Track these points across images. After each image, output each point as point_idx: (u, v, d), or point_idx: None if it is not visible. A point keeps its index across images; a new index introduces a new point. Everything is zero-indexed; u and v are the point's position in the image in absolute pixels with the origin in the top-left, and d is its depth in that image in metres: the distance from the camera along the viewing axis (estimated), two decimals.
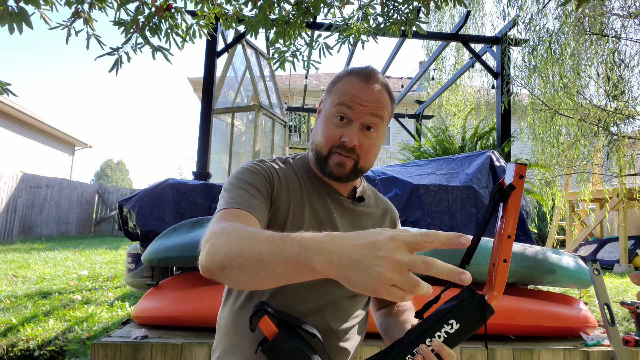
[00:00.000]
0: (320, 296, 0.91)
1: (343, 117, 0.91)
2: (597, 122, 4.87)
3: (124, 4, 2.06)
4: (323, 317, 0.90)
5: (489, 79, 6.12)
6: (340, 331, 0.91)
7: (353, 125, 0.90)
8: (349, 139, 0.89)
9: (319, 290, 0.91)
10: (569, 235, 8.10)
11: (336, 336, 0.90)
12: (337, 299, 0.92)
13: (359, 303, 0.98)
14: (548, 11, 4.64)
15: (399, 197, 2.70)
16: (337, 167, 0.92)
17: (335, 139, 0.91)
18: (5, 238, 9.69)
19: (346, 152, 0.91)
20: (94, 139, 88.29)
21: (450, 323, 0.77)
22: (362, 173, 0.97)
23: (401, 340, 0.79)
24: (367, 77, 0.92)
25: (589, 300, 3.74)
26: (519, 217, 2.70)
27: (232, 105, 6.45)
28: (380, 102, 0.91)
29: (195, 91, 14.41)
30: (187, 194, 2.75)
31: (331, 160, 0.92)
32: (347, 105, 0.90)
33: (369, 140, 0.92)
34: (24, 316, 3.39)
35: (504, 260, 0.81)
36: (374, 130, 0.92)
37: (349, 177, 0.94)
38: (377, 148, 0.96)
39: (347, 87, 0.91)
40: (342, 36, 2.46)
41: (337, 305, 0.92)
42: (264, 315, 0.78)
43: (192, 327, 2.18)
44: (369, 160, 0.95)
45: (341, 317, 0.92)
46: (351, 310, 0.95)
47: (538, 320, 2.12)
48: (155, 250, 2.26)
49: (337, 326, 0.91)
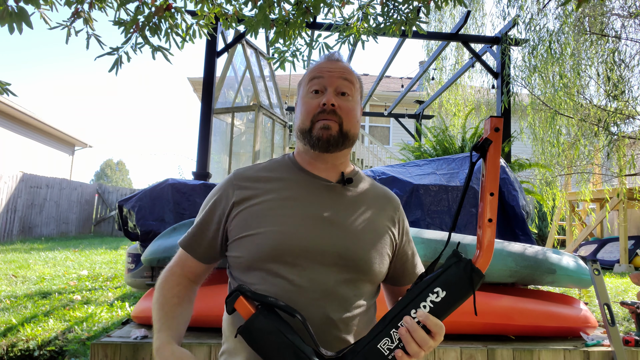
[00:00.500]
0: (316, 285, 0.89)
1: (317, 91, 0.98)
2: (597, 122, 4.87)
3: (124, 4, 2.06)
4: (321, 306, 0.88)
5: (489, 79, 6.12)
6: (340, 321, 0.89)
7: (328, 90, 0.97)
8: (327, 100, 0.95)
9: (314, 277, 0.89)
10: (569, 235, 8.10)
11: (336, 326, 0.88)
12: (335, 285, 0.90)
13: (360, 291, 0.94)
14: (548, 11, 4.64)
15: (398, 197, 2.70)
16: (323, 130, 0.95)
17: (315, 107, 0.96)
18: (5, 238, 9.69)
19: (328, 115, 0.95)
20: (94, 139, 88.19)
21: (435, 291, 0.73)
22: (350, 139, 0.98)
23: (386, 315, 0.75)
24: (330, 57, 1.02)
25: (589, 300, 3.73)
26: (519, 217, 2.69)
27: (232, 105, 6.45)
28: (347, 69, 1.00)
29: (195, 91, 14.41)
30: (187, 194, 2.75)
31: (315, 127, 0.95)
32: (318, 77, 0.98)
33: (346, 103, 0.97)
34: (24, 316, 3.39)
35: (489, 219, 0.77)
36: (348, 95, 0.98)
37: (337, 142, 0.96)
38: (357, 114, 1.01)
39: (314, 68, 1.01)
40: (342, 36, 2.46)
41: (336, 294, 0.90)
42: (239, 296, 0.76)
43: (192, 327, 2.18)
44: (353, 125, 0.98)
45: (341, 307, 0.89)
46: (352, 300, 0.92)
47: (538, 320, 2.12)
48: (155, 250, 2.26)
49: (337, 316, 0.88)
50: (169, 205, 2.69)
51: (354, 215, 0.97)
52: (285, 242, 0.90)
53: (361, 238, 0.95)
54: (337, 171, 1.02)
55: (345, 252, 0.92)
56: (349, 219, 0.96)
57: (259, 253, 0.91)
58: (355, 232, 0.95)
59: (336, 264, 0.91)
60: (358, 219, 0.96)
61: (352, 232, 0.94)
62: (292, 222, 0.92)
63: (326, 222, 0.94)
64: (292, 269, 0.89)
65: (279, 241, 0.90)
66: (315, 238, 0.91)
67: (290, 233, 0.91)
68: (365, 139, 12.27)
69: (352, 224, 0.95)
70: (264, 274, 0.91)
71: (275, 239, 0.91)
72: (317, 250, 0.91)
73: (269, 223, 0.92)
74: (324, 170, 1.01)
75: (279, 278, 0.89)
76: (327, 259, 0.91)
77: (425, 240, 2.13)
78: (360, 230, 0.95)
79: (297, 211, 0.94)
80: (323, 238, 0.92)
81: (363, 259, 0.93)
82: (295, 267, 0.90)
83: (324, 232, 0.92)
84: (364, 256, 0.93)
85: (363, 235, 0.95)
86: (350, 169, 1.06)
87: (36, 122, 12.43)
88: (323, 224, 0.93)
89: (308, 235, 0.91)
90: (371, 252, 0.95)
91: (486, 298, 2.12)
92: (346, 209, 0.97)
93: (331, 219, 0.94)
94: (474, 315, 2.07)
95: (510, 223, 2.73)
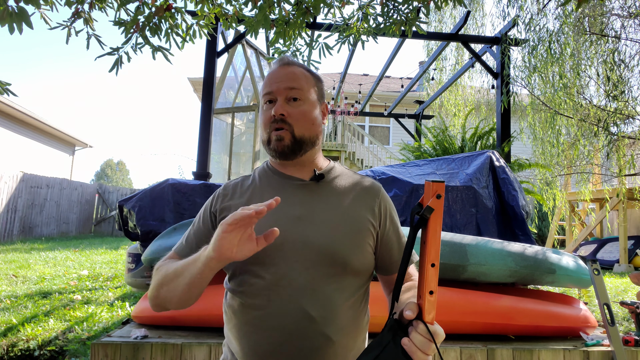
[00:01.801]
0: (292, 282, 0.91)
1: (270, 101, 1.02)
2: (597, 122, 4.87)
3: (124, 4, 2.06)
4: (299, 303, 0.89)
5: (489, 79, 6.12)
6: (319, 317, 0.89)
7: (278, 100, 1.01)
8: (275, 111, 0.99)
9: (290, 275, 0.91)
10: (569, 235, 8.10)
11: (315, 322, 0.89)
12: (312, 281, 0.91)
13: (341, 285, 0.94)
14: (548, 11, 4.64)
15: (398, 197, 2.70)
16: (277, 142, 1.00)
17: (268, 119, 1.01)
18: (5, 238, 9.69)
19: (279, 125, 0.99)
20: (94, 139, 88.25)
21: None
22: (307, 144, 1.02)
23: None
24: (279, 63, 1.06)
25: (589, 300, 3.74)
26: (519, 217, 2.69)
27: (232, 105, 6.45)
28: (294, 74, 1.03)
29: (195, 91, 14.41)
30: (187, 194, 2.75)
31: (271, 139, 1.01)
32: (267, 90, 1.02)
33: (297, 109, 1.01)
34: (24, 316, 3.39)
35: (430, 292, 0.72)
36: (299, 100, 1.01)
37: (293, 149, 1.00)
38: (311, 116, 1.03)
39: (267, 78, 1.06)
40: (342, 36, 2.46)
41: (314, 290, 0.91)
42: None
43: (192, 327, 2.18)
44: (307, 129, 1.01)
45: (320, 303, 0.90)
46: (333, 295, 0.92)
47: (538, 320, 2.12)
48: (156, 250, 2.26)
49: (316, 312, 0.89)
50: (169, 205, 2.69)
51: (329, 210, 0.99)
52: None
53: (337, 232, 0.96)
54: (310, 169, 1.05)
55: (321, 248, 0.93)
56: (324, 215, 0.98)
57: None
58: (330, 226, 0.96)
59: (312, 260, 0.93)
60: (333, 214, 0.98)
61: (327, 227, 0.96)
62: (265, 224, 0.93)
63: (300, 220, 0.96)
64: (268, 269, 0.92)
65: None
66: (289, 236, 0.93)
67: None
68: (365, 139, 12.27)
69: (327, 219, 0.97)
70: (247, 276, 0.94)
71: None
72: (291, 248, 0.93)
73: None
74: (296, 171, 1.04)
75: (257, 278, 0.93)
76: (302, 255, 0.93)
77: None
78: (336, 224, 0.97)
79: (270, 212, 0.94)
80: (297, 235, 0.94)
81: (339, 252, 0.94)
82: (271, 266, 0.92)
83: (297, 230, 0.95)
84: (341, 250, 0.94)
85: (338, 229, 0.96)
86: (324, 165, 1.09)
87: (36, 122, 12.43)
88: (297, 222, 0.96)
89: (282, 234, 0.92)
90: (348, 246, 0.95)
91: (486, 298, 2.13)
92: (320, 205, 0.99)
93: (305, 216, 0.97)
94: (474, 315, 2.08)
95: (510, 223, 2.74)
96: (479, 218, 2.68)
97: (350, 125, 11.78)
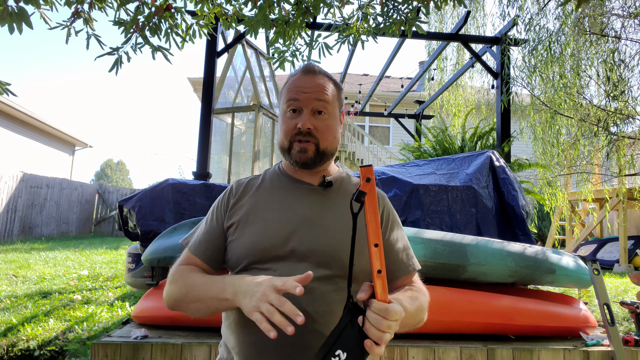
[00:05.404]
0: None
1: (295, 110, 1.02)
2: (597, 122, 4.86)
3: (124, 4, 2.06)
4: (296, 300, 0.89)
5: (489, 79, 6.12)
6: (317, 314, 0.91)
7: (304, 112, 1.01)
8: (302, 123, 0.99)
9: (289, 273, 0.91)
10: (569, 235, 8.10)
11: (312, 319, 0.90)
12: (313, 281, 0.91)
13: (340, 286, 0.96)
14: (548, 11, 4.64)
15: (398, 197, 2.70)
16: (300, 154, 1.01)
17: (292, 129, 1.02)
18: (5, 238, 9.69)
19: (304, 137, 1.00)
20: (94, 139, 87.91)
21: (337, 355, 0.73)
22: (328, 156, 1.05)
23: None
24: (306, 71, 1.05)
25: (589, 300, 3.73)
26: (519, 217, 2.69)
27: (232, 105, 6.45)
28: (322, 86, 1.03)
29: (195, 91, 14.41)
30: (187, 194, 2.75)
31: (293, 149, 1.02)
32: (294, 98, 1.02)
33: (322, 122, 1.02)
34: (24, 316, 3.39)
35: (378, 271, 0.75)
36: (325, 113, 1.02)
37: (315, 161, 1.02)
38: (334, 130, 1.05)
39: (292, 84, 1.04)
40: (342, 36, 2.46)
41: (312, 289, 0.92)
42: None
43: (192, 327, 2.18)
44: (330, 142, 1.04)
45: (317, 301, 0.92)
46: (331, 294, 0.94)
47: (538, 320, 2.12)
48: (155, 250, 2.26)
49: (313, 309, 0.91)
50: (169, 205, 2.69)
51: (334, 215, 1.02)
52: (260, 243, 0.97)
53: (338, 236, 0.98)
54: (320, 175, 1.08)
55: (320, 250, 0.96)
56: (328, 219, 1.01)
57: (238, 256, 0.99)
58: (332, 230, 0.99)
59: (311, 261, 0.95)
60: (337, 218, 1.01)
61: (329, 230, 0.99)
62: (269, 224, 0.98)
63: (304, 222, 0.99)
64: (269, 266, 0.96)
65: (253, 243, 0.97)
66: (291, 237, 0.97)
67: (264, 235, 0.98)
68: (365, 139, 12.27)
69: (331, 223, 1.00)
70: (254, 272, 0.96)
71: (251, 242, 0.98)
72: (292, 248, 0.96)
73: (249, 227, 1.00)
74: (307, 176, 1.07)
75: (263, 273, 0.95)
76: (302, 256, 0.96)
77: (425, 240, 2.13)
78: (338, 228, 0.99)
79: (277, 214, 1.01)
80: (298, 237, 0.97)
81: (338, 256, 0.96)
82: (271, 264, 0.96)
83: (299, 231, 0.98)
84: (341, 254, 0.95)
85: (340, 233, 0.98)
86: (334, 171, 1.12)
87: (36, 122, 12.43)
88: (300, 224, 0.99)
89: (283, 235, 0.97)
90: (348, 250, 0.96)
91: (486, 298, 2.12)
92: (326, 209, 1.02)
93: (310, 218, 1.00)
94: (474, 315, 2.08)
95: (510, 223, 2.74)
96: (479, 218, 2.67)
97: (350, 125, 11.78)
